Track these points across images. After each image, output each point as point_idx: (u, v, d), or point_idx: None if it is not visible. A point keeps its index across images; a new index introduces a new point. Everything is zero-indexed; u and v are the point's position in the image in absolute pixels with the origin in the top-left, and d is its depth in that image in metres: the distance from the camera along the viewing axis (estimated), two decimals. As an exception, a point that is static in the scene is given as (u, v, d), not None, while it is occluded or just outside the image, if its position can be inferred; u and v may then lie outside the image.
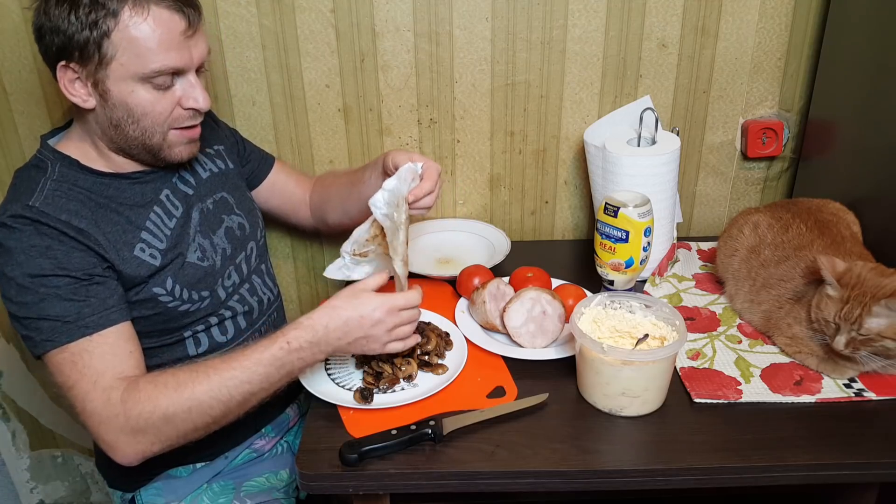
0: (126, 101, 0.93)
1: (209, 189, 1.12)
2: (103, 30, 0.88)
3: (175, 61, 0.93)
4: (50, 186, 0.95)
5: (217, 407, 0.90)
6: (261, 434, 1.18)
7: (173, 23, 0.92)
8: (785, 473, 0.87)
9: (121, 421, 0.88)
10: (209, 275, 1.07)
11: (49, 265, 0.90)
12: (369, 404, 0.96)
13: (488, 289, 1.11)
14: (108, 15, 0.88)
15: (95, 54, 0.90)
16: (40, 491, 1.77)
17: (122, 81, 0.92)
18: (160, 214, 1.03)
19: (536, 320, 1.07)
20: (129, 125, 0.96)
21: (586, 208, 1.54)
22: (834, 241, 1.08)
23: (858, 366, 0.98)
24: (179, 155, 1.02)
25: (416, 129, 1.44)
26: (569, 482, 0.87)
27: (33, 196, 0.94)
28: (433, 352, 1.05)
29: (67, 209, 0.94)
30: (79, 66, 0.91)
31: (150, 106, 0.94)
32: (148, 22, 0.89)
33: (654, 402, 0.95)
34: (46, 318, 0.89)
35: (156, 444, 0.91)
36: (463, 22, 1.35)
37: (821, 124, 1.37)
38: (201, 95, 0.98)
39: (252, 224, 1.18)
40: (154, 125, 0.96)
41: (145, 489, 1.12)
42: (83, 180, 0.98)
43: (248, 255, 1.16)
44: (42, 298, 0.89)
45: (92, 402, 0.89)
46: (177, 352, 1.06)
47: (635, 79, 1.41)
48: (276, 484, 1.19)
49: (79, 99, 0.94)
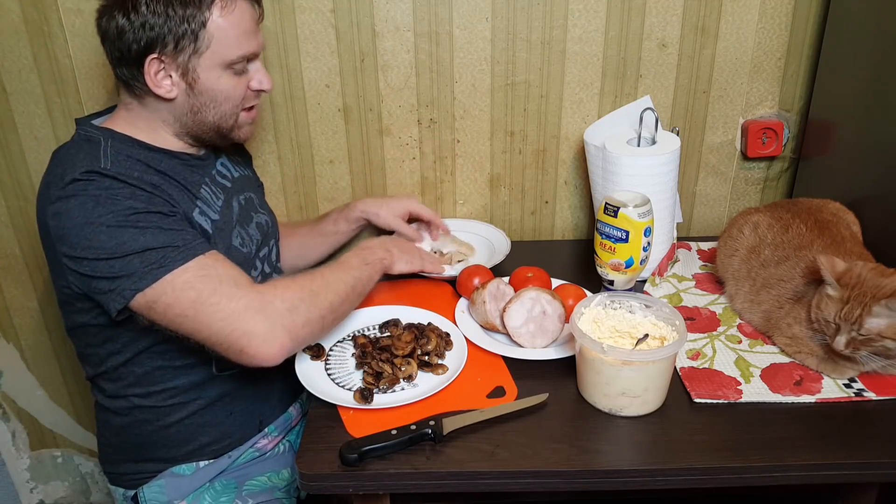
0: (212, 88, 1.01)
1: (241, 186, 1.18)
2: (200, 21, 0.96)
3: (253, 47, 1.03)
4: (112, 153, 0.97)
5: (341, 287, 1.01)
6: (264, 434, 1.19)
7: (251, 12, 1.02)
8: (785, 473, 0.87)
9: (278, 303, 0.92)
10: (246, 261, 1.11)
11: (140, 205, 0.92)
12: (369, 404, 0.96)
13: (488, 289, 1.11)
14: (203, 7, 0.96)
15: (191, 45, 0.97)
16: (40, 491, 1.77)
17: (211, 69, 0.99)
18: (209, 192, 1.08)
19: (536, 320, 1.07)
20: (210, 110, 1.03)
21: (586, 208, 1.54)
22: (834, 241, 1.08)
23: (858, 366, 0.98)
24: (246, 134, 1.11)
25: (416, 129, 1.44)
26: (569, 482, 0.87)
27: (101, 160, 0.95)
28: (433, 352, 1.05)
29: (136, 171, 0.96)
30: (169, 58, 0.97)
31: (232, 90, 1.03)
32: (235, 13, 0.98)
33: (654, 402, 0.95)
34: (152, 248, 0.89)
35: (305, 325, 0.94)
36: (463, 22, 1.35)
37: (821, 124, 1.37)
38: (266, 78, 1.08)
39: (273, 222, 1.25)
40: (232, 108, 1.05)
41: (148, 486, 1.12)
42: (137, 152, 1.00)
43: (271, 250, 1.22)
44: (142, 232, 0.90)
45: (241, 298, 0.90)
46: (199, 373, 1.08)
47: (635, 79, 1.41)
48: (278, 483, 1.19)
49: (163, 90, 0.99)
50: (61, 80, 1.36)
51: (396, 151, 1.46)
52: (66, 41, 1.33)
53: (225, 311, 0.89)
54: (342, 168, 1.47)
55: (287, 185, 1.49)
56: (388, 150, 1.46)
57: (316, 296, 0.97)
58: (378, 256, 1.12)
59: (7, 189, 1.45)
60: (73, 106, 1.38)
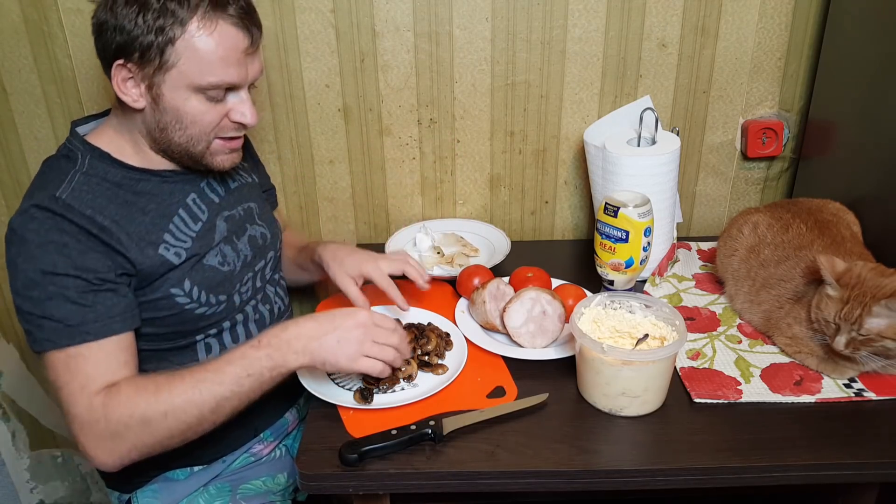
0: (177, 108, 0.94)
1: (237, 199, 1.13)
2: (169, 36, 0.89)
3: (232, 77, 0.94)
4: (79, 179, 0.95)
5: (191, 412, 0.89)
6: (259, 439, 1.18)
7: (237, 40, 0.92)
8: (785, 473, 0.87)
9: (101, 426, 0.88)
10: (227, 279, 1.07)
11: (62, 263, 0.89)
12: (369, 404, 0.96)
13: (488, 289, 1.11)
14: (175, 23, 0.89)
15: (156, 59, 0.90)
16: (40, 491, 1.77)
17: (177, 89, 0.93)
18: (185, 218, 1.03)
19: (536, 320, 1.07)
20: (175, 131, 0.96)
21: (586, 208, 1.54)
22: (834, 241, 1.08)
23: (858, 366, 0.98)
24: (221, 163, 1.03)
25: (415, 129, 1.44)
26: (569, 482, 0.87)
27: (61, 187, 0.93)
28: (433, 352, 1.05)
29: (93, 205, 0.94)
30: (136, 67, 0.91)
31: (200, 116, 0.95)
32: (213, 36, 0.90)
33: (654, 402, 0.95)
34: (50, 317, 0.89)
35: (133, 450, 0.90)
36: (463, 22, 1.35)
37: (821, 124, 1.37)
38: (249, 112, 0.99)
39: (273, 235, 1.20)
40: (200, 134, 0.97)
41: (142, 491, 1.11)
42: (113, 174, 0.98)
43: (267, 263, 1.17)
44: (49, 297, 0.89)
45: (76, 405, 0.89)
46: (187, 356, 1.06)
47: (635, 79, 1.41)
48: (273, 487, 1.18)
49: (129, 98, 0.94)
50: (61, 80, 1.36)
51: (396, 151, 1.46)
52: (66, 41, 1.33)
53: (65, 409, 0.90)
54: (342, 168, 1.47)
55: (287, 185, 1.48)
56: (388, 150, 1.46)
57: (148, 424, 0.87)
58: (269, 364, 0.90)
59: (7, 189, 1.45)
60: (73, 106, 1.38)
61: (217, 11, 0.90)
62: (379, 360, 0.94)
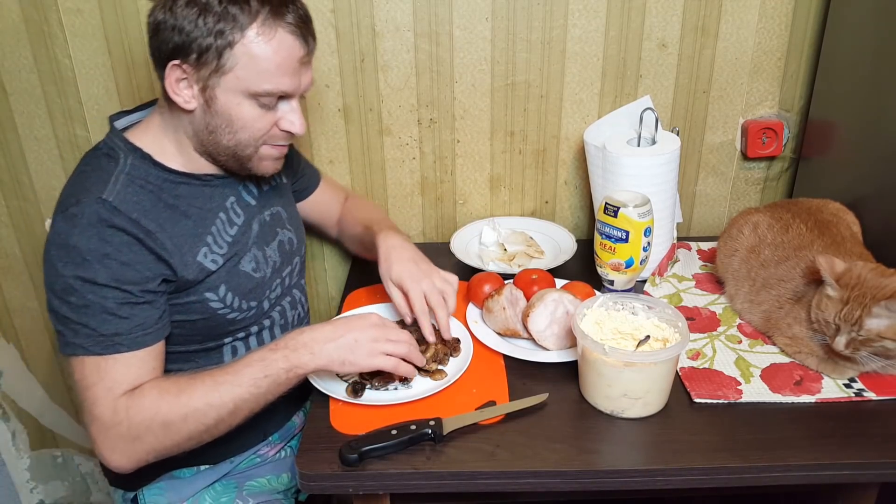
0: (229, 112, 0.94)
1: (268, 202, 1.13)
2: (228, 40, 0.89)
3: (286, 85, 0.94)
4: (123, 181, 0.94)
5: (210, 414, 0.90)
6: (268, 442, 1.19)
7: (294, 49, 0.93)
8: (785, 473, 0.87)
9: (123, 429, 0.88)
10: (259, 286, 1.07)
11: (104, 274, 0.88)
12: (357, 399, 0.97)
13: (504, 295, 1.10)
14: (235, 28, 0.89)
15: (213, 62, 0.90)
16: (40, 491, 1.77)
17: (231, 93, 0.93)
18: (224, 221, 1.03)
19: (560, 322, 1.06)
20: (225, 134, 0.96)
21: (586, 208, 1.54)
22: (834, 242, 1.08)
23: (858, 366, 0.98)
24: (266, 168, 1.03)
25: (416, 129, 1.44)
26: (569, 482, 0.87)
27: (107, 189, 0.92)
28: (431, 358, 1.05)
29: (140, 207, 0.93)
30: (192, 68, 0.91)
31: (251, 121, 0.95)
32: (272, 43, 0.90)
33: (656, 404, 0.94)
34: (86, 325, 0.89)
35: (151, 453, 0.90)
36: (463, 22, 1.35)
37: (821, 124, 1.37)
38: (299, 121, 0.99)
39: (299, 240, 1.20)
40: (249, 139, 0.97)
41: (148, 489, 1.11)
42: (154, 176, 0.97)
43: (293, 269, 1.18)
44: (86, 304, 0.88)
45: (100, 406, 0.89)
46: (213, 358, 1.07)
47: (635, 79, 1.41)
48: (278, 486, 1.19)
49: (181, 99, 0.93)
50: (61, 80, 1.36)
51: (396, 151, 1.46)
52: (66, 41, 1.33)
53: (88, 409, 0.90)
54: (342, 168, 1.47)
55: (287, 185, 1.49)
56: (388, 150, 1.46)
57: (168, 427, 0.89)
58: (286, 366, 0.92)
59: (7, 189, 1.45)
60: (73, 106, 1.38)
61: (277, 19, 0.90)
62: (394, 356, 0.96)
